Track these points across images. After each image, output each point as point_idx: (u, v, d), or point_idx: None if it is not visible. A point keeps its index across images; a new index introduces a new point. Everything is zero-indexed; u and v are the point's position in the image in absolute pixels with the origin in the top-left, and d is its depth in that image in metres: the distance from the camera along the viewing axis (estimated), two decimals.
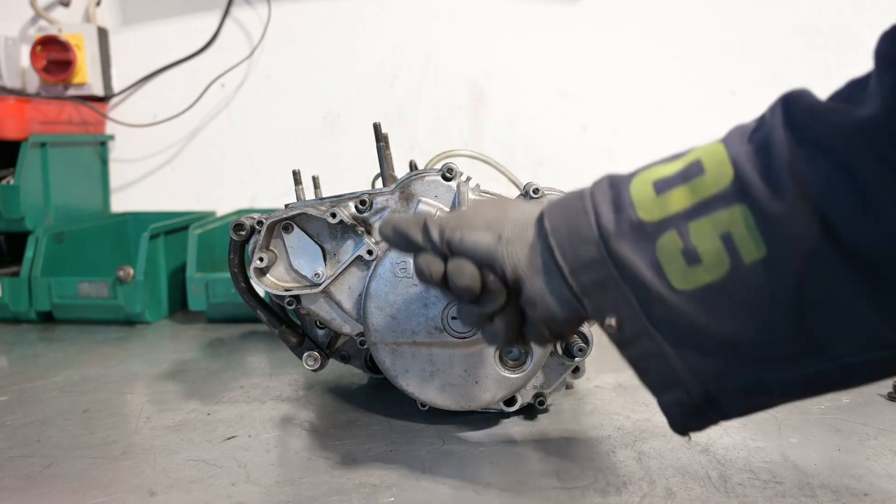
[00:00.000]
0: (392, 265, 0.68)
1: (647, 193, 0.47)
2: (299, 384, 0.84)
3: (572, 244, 0.49)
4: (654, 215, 0.46)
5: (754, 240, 0.43)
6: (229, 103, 1.52)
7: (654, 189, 0.47)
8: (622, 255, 0.47)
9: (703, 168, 0.46)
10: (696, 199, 0.46)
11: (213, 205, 1.52)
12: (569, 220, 0.50)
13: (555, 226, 0.50)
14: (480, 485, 0.58)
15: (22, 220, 1.21)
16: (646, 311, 0.46)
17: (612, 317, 0.47)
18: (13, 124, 1.22)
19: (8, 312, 1.16)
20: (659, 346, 0.47)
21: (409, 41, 1.47)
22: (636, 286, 0.46)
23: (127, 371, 0.91)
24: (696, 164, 0.47)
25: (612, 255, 0.47)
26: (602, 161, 1.46)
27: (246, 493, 0.57)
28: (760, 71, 1.40)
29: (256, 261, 0.69)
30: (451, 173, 0.69)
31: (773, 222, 0.43)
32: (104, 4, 1.50)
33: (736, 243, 0.44)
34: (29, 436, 0.70)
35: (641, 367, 0.48)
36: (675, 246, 0.45)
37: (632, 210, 0.47)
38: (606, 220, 0.48)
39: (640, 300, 0.46)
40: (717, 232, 0.44)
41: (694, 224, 0.45)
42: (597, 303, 0.48)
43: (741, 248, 0.43)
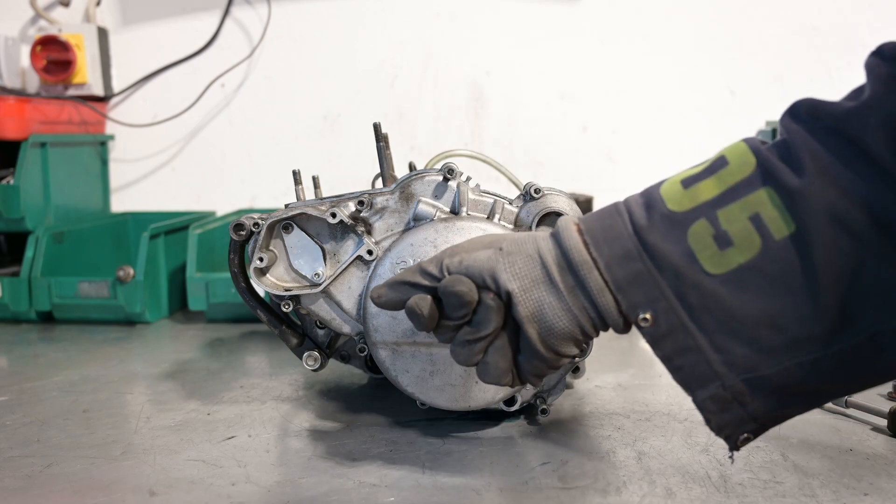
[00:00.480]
0: (392, 265, 0.68)
1: (676, 189, 0.50)
2: (299, 384, 0.84)
3: (607, 240, 0.50)
4: (683, 206, 0.48)
5: (782, 217, 0.45)
6: (229, 103, 1.52)
7: (682, 185, 0.50)
8: (655, 246, 0.48)
9: (727, 161, 0.49)
10: (723, 188, 0.48)
11: (213, 205, 1.52)
12: (602, 220, 0.51)
13: (589, 227, 0.52)
14: (480, 485, 0.58)
15: (22, 220, 1.21)
16: (681, 300, 0.48)
17: (647, 311, 0.49)
18: (13, 124, 1.22)
19: (8, 312, 1.16)
20: (694, 339, 0.48)
21: (409, 41, 1.47)
22: (670, 275, 0.48)
23: (127, 371, 0.91)
24: (720, 159, 0.50)
25: (646, 247, 0.48)
26: (602, 161, 1.46)
27: (246, 493, 0.57)
28: (760, 71, 1.40)
29: (256, 261, 0.69)
30: (452, 173, 0.69)
31: (798, 198, 0.45)
32: (104, 4, 1.50)
33: (765, 222, 0.46)
34: (29, 436, 0.70)
35: (675, 363, 0.49)
36: (707, 232, 0.47)
37: (662, 205, 0.49)
38: (639, 216, 0.50)
39: (675, 289, 0.48)
40: (746, 214, 0.46)
41: (723, 210, 0.47)
42: (631, 298, 0.49)
43: (770, 226, 0.46)
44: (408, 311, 0.55)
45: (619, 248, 0.49)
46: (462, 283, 0.53)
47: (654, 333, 0.49)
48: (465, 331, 0.54)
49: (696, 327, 0.47)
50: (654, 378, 0.84)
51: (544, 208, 0.68)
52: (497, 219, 0.69)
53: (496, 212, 0.69)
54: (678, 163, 1.59)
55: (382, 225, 0.70)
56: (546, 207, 0.68)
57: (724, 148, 0.51)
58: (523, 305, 0.52)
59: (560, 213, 0.69)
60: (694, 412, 0.73)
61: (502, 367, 0.54)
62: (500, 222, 0.69)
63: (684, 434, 0.67)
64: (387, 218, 0.70)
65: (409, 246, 0.67)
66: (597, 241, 0.50)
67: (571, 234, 0.52)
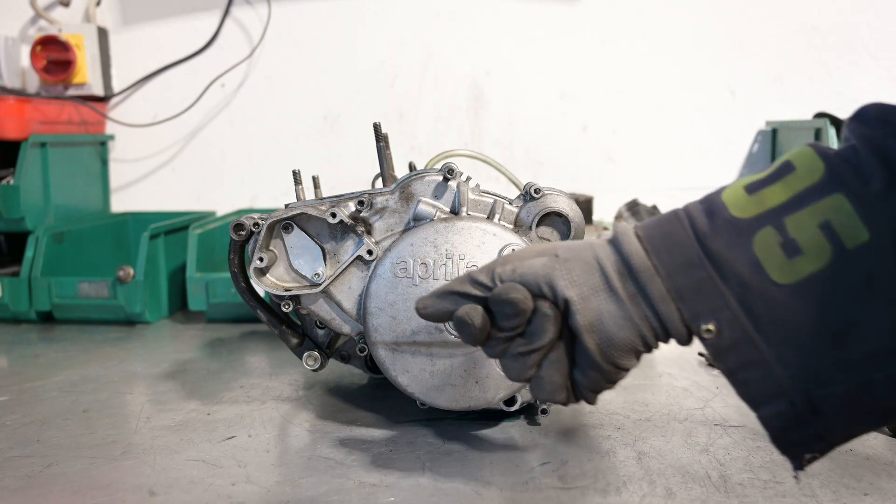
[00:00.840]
0: (392, 265, 0.68)
1: (740, 195, 0.47)
2: (299, 384, 0.84)
3: (667, 247, 0.48)
4: (748, 212, 0.46)
5: (855, 225, 0.43)
6: (229, 103, 1.52)
7: (745, 191, 0.47)
8: (719, 254, 0.46)
9: (794, 166, 0.47)
10: (790, 194, 0.46)
11: (213, 205, 1.52)
12: (662, 227, 0.49)
13: (649, 235, 0.49)
14: (480, 485, 0.58)
15: (22, 220, 1.21)
16: (746, 311, 0.45)
17: (710, 322, 0.46)
18: (13, 124, 1.22)
19: (8, 312, 1.16)
20: (760, 352, 0.45)
21: (409, 41, 1.47)
22: (735, 284, 0.45)
23: (127, 371, 0.91)
24: (786, 165, 0.47)
25: (709, 255, 0.46)
26: (602, 161, 1.46)
27: (246, 493, 0.57)
28: (760, 71, 1.40)
29: (256, 261, 0.69)
30: (452, 173, 0.69)
31: (871, 205, 0.43)
32: (104, 4, 1.50)
33: (836, 230, 0.43)
34: (29, 436, 0.70)
35: (740, 378, 0.46)
36: (774, 239, 0.45)
37: (725, 211, 0.47)
38: (701, 223, 0.47)
39: (740, 299, 0.45)
40: (816, 221, 0.44)
41: (790, 217, 0.45)
42: (693, 308, 0.46)
43: (842, 234, 0.43)
44: (457, 322, 0.52)
45: (680, 256, 0.47)
46: (517, 290, 0.50)
47: (718, 345, 0.46)
48: (518, 342, 0.51)
49: (763, 339, 0.45)
50: (654, 378, 0.84)
51: (544, 208, 0.68)
52: (497, 219, 0.69)
53: (496, 212, 0.69)
54: (678, 163, 1.60)
55: (382, 225, 0.70)
56: (546, 207, 0.68)
57: (789, 152, 0.48)
58: (582, 314, 0.49)
59: (560, 213, 0.69)
60: (694, 412, 0.73)
61: (557, 381, 0.51)
62: (500, 222, 0.69)
63: (684, 434, 0.67)
64: (387, 218, 0.70)
65: (410, 246, 0.67)
66: (657, 247, 0.48)
67: (631, 240, 0.49)
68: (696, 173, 1.43)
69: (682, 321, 0.47)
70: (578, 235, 0.69)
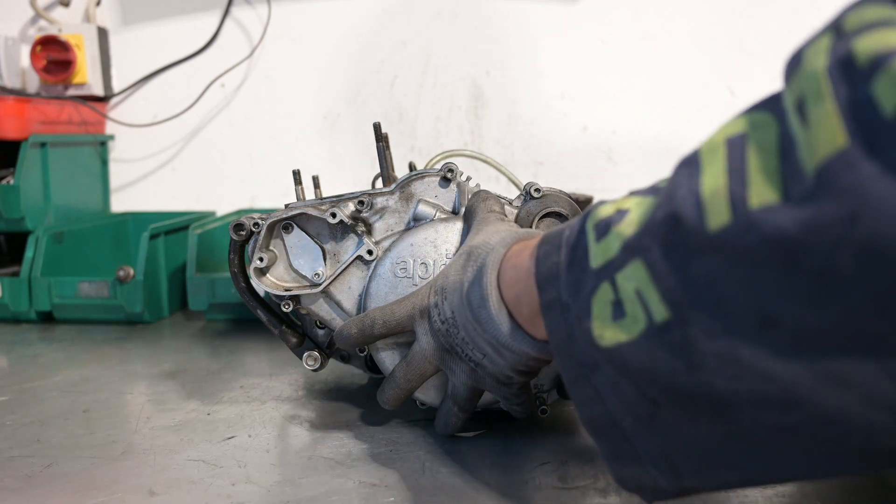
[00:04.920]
0: (392, 265, 0.68)
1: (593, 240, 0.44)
2: (299, 384, 0.84)
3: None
4: (597, 261, 0.43)
5: (654, 298, 0.39)
6: (229, 103, 1.52)
7: (595, 233, 0.44)
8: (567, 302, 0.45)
9: (625, 210, 0.44)
10: (616, 250, 0.42)
11: (213, 205, 1.52)
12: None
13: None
14: (480, 485, 0.58)
15: (22, 220, 1.21)
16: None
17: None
18: (13, 124, 1.22)
19: (8, 312, 1.16)
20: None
21: (409, 41, 1.47)
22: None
23: (127, 371, 0.91)
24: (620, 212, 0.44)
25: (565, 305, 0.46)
26: (602, 161, 1.46)
27: (246, 493, 0.57)
28: (760, 71, 1.40)
29: (256, 261, 0.69)
30: (452, 173, 0.69)
31: (663, 278, 0.38)
32: (104, 4, 1.50)
33: (646, 300, 0.39)
34: (29, 436, 0.70)
35: (576, 397, 0.46)
36: (607, 297, 0.41)
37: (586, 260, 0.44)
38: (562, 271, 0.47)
39: None
40: (633, 286, 0.40)
41: (619, 275, 0.41)
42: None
43: (651, 306, 0.39)
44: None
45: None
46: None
47: None
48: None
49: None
50: None
51: (544, 208, 0.68)
52: None
53: None
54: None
55: (382, 225, 0.70)
56: (546, 207, 0.68)
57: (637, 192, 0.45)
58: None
59: (560, 213, 0.69)
60: None
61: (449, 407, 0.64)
62: None
63: None
64: (387, 218, 0.70)
65: (409, 246, 0.68)
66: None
67: (492, 280, 0.55)
68: None
69: None
70: None
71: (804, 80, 0.33)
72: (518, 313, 0.53)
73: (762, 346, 0.34)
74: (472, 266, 0.57)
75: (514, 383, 0.59)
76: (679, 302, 0.37)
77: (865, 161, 0.29)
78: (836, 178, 0.30)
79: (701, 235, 0.35)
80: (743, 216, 0.34)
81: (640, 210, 0.41)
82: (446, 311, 0.59)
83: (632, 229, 0.40)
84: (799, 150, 0.32)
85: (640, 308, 0.39)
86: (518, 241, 0.56)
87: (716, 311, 0.36)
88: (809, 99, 0.32)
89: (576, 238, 0.45)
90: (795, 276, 0.32)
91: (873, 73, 0.29)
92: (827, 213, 0.30)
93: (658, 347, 0.39)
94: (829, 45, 0.32)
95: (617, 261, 0.41)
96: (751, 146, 0.35)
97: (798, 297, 0.32)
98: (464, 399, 0.63)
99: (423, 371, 0.63)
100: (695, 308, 0.37)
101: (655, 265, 0.38)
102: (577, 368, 0.44)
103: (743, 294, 0.34)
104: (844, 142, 0.30)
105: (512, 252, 0.55)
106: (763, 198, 0.33)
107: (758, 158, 0.34)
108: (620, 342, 0.40)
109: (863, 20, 0.32)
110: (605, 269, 0.41)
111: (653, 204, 0.40)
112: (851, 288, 0.30)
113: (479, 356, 0.58)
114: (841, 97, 0.30)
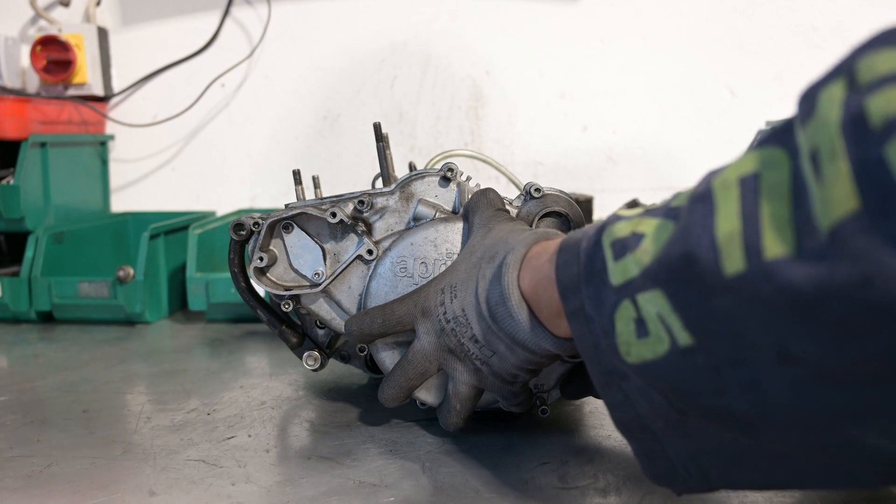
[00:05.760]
0: (392, 265, 0.68)
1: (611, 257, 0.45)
2: (299, 384, 0.84)
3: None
4: (616, 279, 0.44)
5: (677, 325, 0.40)
6: (229, 103, 1.52)
7: (612, 251, 0.45)
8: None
9: (641, 234, 0.44)
10: (637, 271, 0.42)
11: (213, 205, 1.52)
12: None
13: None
14: (480, 484, 0.58)
15: (22, 220, 1.21)
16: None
17: None
18: (13, 124, 1.22)
19: (8, 312, 1.16)
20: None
21: (409, 41, 1.47)
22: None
23: (127, 371, 0.91)
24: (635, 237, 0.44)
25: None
26: (602, 161, 1.46)
27: (246, 493, 0.57)
28: (760, 71, 1.40)
29: (256, 260, 0.69)
30: (452, 173, 0.69)
31: (687, 308, 0.40)
32: (104, 4, 1.50)
33: (669, 325, 0.40)
34: (29, 436, 0.70)
35: (609, 399, 0.48)
36: (629, 315, 0.43)
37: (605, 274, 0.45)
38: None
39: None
40: (654, 310, 0.41)
41: (640, 296, 0.42)
42: None
43: (674, 331, 0.40)
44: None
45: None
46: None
47: None
48: None
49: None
50: None
51: (544, 208, 0.68)
52: None
53: None
54: (678, 163, 1.60)
55: (382, 225, 0.70)
56: (546, 207, 0.68)
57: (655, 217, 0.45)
58: None
59: (560, 213, 0.69)
60: None
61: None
62: None
63: None
64: (387, 218, 0.70)
65: (410, 245, 0.68)
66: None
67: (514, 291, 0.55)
68: (696, 173, 1.43)
69: None
70: None
71: (819, 131, 0.33)
72: (538, 312, 0.53)
73: (784, 378, 0.35)
74: (488, 265, 0.57)
75: (517, 381, 0.60)
76: (701, 332, 0.38)
77: (878, 227, 0.30)
78: (849, 241, 0.30)
79: (717, 277, 0.36)
80: (757, 266, 0.34)
81: (655, 238, 0.41)
82: (455, 309, 0.59)
83: (648, 258, 0.41)
84: (812, 203, 0.33)
85: (664, 330, 0.40)
86: (537, 241, 0.56)
87: (737, 344, 0.37)
88: (824, 154, 0.32)
89: (593, 250, 0.46)
90: (813, 323, 0.33)
91: (886, 136, 0.30)
92: (841, 275, 0.31)
93: (683, 368, 0.40)
94: (842, 96, 0.32)
95: (636, 283, 0.41)
96: (763, 189, 0.35)
97: (817, 340, 0.33)
98: (465, 398, 0.63)
99: (423, 369, 0.63)
100: (716, 338, 0.38)
101: (675, 297, 0.39)
102: (607, 376, 0.46)
103: (762, 331, 0.35)
104: (857, 205, 0.30)
105: (532, 253, 0.55)
106: (777, 250, 0.34)
107: (770, 205, 0.35)
108: (646, 360, 0.42)
109: (876, 72, 0.32)
110: (626, 288, 0.42)
111: (667, 233, 0.41)
112: (870, 335, 0.31)
113: (487, 354, 0.58)
114: (854, 158, 0.31)
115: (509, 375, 0.59)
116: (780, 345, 0.35)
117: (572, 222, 0.69)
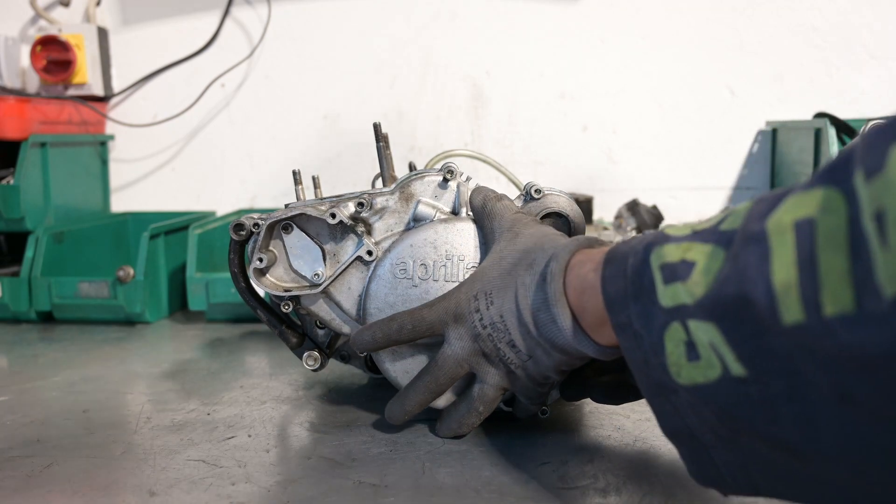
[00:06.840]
0: (392, 266, 0.68)
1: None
2: (299, 384, 0.84)
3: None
4: (665, 301, 0.44)
5: (730, 357, 0.40)
6: (229, 103, 1.52)
7: (661, 275, 0.45)
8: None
9: (692, 262, 0.44)
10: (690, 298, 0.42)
11: (213, 205, 1.52)
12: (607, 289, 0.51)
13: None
14: (480, 485, 0.58)
15: (22, 220, 1.21)
16: None
17: None
18: (13, 124, 1.22)
19: (8, 312, 1.16)
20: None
21: (409, 41, 1.47)
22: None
23: (127, 371, 0.91)
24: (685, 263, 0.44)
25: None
26: (602, 161, 1.46)
27: (246, 493, 0.57)
28: (760, 71, 1.40)
29: (256, 261, 0.69)
30: (451, 173, 0.69)
31: (742, 344, 0.40)
32: (104, 4, 1.50)
33: (722, 354, 0.40)
34: (29, 436, 0.70)
35: (656, 407, 0.48)
36: (679, 336, 0.43)
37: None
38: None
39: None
40: (707, 338, 0.41)
41: (691, 322, 0.42)
42: None
43: (727, 361, 0.40)
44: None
45: None
46: None
47: None
48: None
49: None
50: None
51: (544, 208, 0.68)
52: None
53: None
54: (678, 163, 1.60)
55: (382, 225, 0.70)
56: (546, 207, 0.68)
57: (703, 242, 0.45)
58: None
59: (560, 213, 0.69)
60: None
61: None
62: None
63: None
64: (387, 218, 0.70)
65: (409, 246, 0.67)
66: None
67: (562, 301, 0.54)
68: (696, 173, 1.43)
69: None
70: (579, 234, 0.69)
71: (888, 193, 0.31)
72: (582, 319, 0.54)
73: (841, 417, 0.36)
74: (526, 271, 0.58)
75: (548, 383, 0.61)
76: (756, 367, 0.38)
77: None
78: None
79: (775, 323, 0.36)
80: (818, 321, 0.34)
81: (706, 270, 0.41)
82: (492, 315, 0.59)
83: (700, 291, 0.40)
84: (874, 263, 0.32)
85: (716, 357, 0.40)
86: (579, 248, 0.56)
87: (794, 381, 0.37)
88: (890, 218, 0.31)
89: (641, 268, 0.46)
90: (874, 375, 0.33)
91: None
92: None
93: (735, 396, 0.40)
94: None
95: (688, 310, 0.41)
96: (819, 236, 0.34)
97: (877, 389, 0.33)
98: (490, 400, 0.63)
99: (454, 374, 0.63)
100: (772, 374, 0.38)
101: (729, 333, 0.39)
102: (656, 388, 0.46)
103: (821, 374, 0.35)
104: None
105: (575, 261, 0.55)
106: (837, 307, 0.33)
107: (827, 256, 0.33)
108: (697, 383, 0.42)
109: None
110: (676, 312, 0.42)
111: (718, 264, 0.40)
112: None
113: (524, 358, 0.59)
114: None
115: (542, 377, 0.60)
116: (840, 388, 0.35)
117: (572, 223, 0.69)
